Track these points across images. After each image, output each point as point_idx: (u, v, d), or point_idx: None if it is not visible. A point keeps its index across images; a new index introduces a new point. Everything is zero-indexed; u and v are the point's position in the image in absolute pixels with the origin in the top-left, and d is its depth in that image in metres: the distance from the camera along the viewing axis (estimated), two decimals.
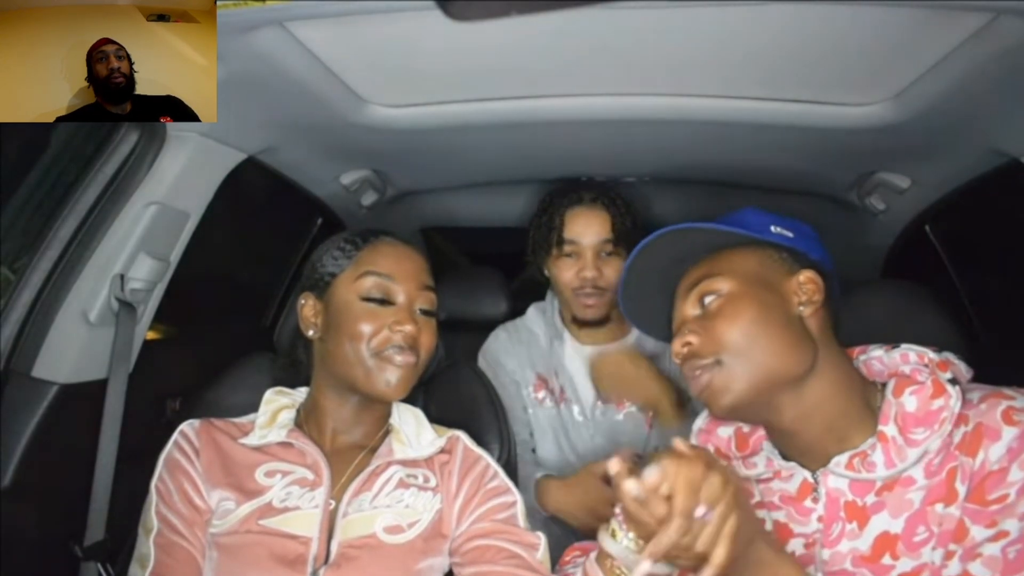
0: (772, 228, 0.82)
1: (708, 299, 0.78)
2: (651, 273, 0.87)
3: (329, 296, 0.92)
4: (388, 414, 0.97)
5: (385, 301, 0.89)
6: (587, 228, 1.34)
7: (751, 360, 0.74)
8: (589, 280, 1.33)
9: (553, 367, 1.44)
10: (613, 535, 0.72)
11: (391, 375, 0.87)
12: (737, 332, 0.74)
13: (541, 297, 1.53)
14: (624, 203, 1.38)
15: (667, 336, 0.84)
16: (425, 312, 0.92)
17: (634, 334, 1.46)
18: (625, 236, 1.34)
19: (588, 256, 1.34)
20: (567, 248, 1.35)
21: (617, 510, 0.73)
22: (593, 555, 0.77)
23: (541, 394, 1.43)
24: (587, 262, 1.34)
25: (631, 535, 0.70)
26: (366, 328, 0.87)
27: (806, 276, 0.79)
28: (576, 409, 1.40)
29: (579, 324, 1.42)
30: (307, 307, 0.93)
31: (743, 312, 0.75)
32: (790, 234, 0.83)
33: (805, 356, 0.75)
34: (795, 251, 0.82)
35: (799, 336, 0.76)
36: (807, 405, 0.75)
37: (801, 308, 0.78)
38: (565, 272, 1.36)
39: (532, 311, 1.54)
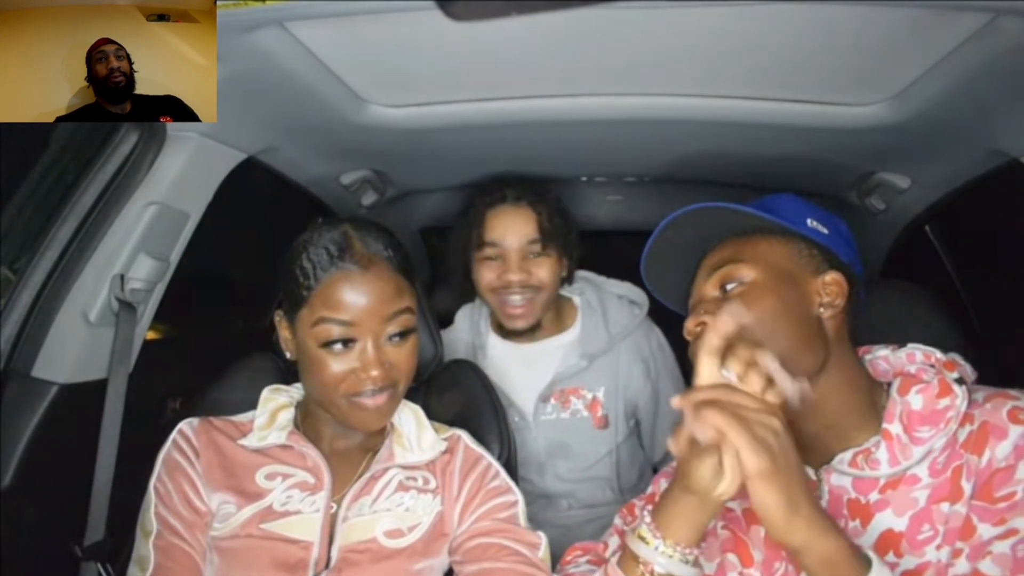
0: (808, 221, 0.81)
1: (731, 286, 0.78)
2: (675, 246, 0.87)
3: (296, 326, 0.86)
4: None
5: (349, 341, 0.82)
6: (510, 228, 1.27)
7: (769, 348, 0.73)
8: (515, 283, 1.27)
9: None
10: (643, 539, 0.71)
11: (366, 416, 0.85)
12: (756, 318, 0.74)
13: None
14: (554, 201, 1.31)
15: (682, 308, 0.84)
16: (398, 335, 0.84)
17: (575, 330, 1.39)
18: (553, 236, 1.29)
19: (513, 258, 1.27)
20: (488, 251, 1.29)
21: (647, 516, 0.72)
22: (615, 560, 0.76)
23: None
24: (512, 264, 1.27)
25: (661, 537, 0.70)
26: (332, 376, 0.82)
27: (831, 278, 0.78)
28: (515, 415, 1.35)
29: (505, 333, 1.36)
30: (282, 328, 0.89)
31: (762, 302, 0.75)
32: (825, 230, 0.81)
33: (815, 357, 0.75)
34: (826, 249, 0.80)
35: (813, 337, 0.76)
36: (811, 402, 0.75)
37: (821, 310, 0.77)
38: (487, 274, 1.29)
39: (460, 317, 1.46)
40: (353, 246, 0.83)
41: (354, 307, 0.81)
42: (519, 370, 1.37)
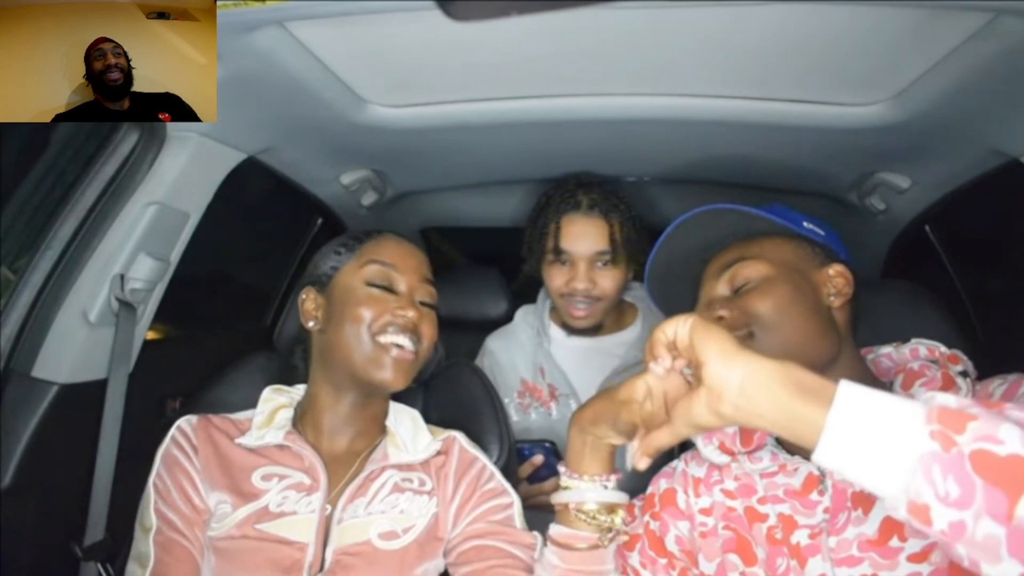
0: (804, 224, 0.86)
1: (745, 284, 0.80)
2: (679, 255, 0.89)
3: (331, 288, 0.94)
4: (385, 414, 0.97)
5: (388, 288, 0.91)
6: (582, 238, 1.29)
7: (781, 337, 0.76)
8: (581, 291, 1.30)
9: (537, 365, 1.42)
10: (567, 488, 0.79)
11: (389, 364, 0.88)
12: (770, 307, 0.76)
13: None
14: (626, 208, 1.33)
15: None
16: (425, 304, 0.94)
17: (636, 329, 1.43)
18: (624, 245, 1.31)
19: (581, 267, 1.30)
20: (561, 256, 1.31)
21: (562, 469, 0.80)
22: (553, 524, 0.81)
23: (526, 400, 1.41)
24: (579, 272, 1.30)
25: (579, 476, 0.78)
26: (368, 312, 0.89)
27: (836, 269, 0.82)
28: (573, 404, 1.38)
29: (569, 330, 1.41)
30: (308, 301, 0.95)
31: (777, 291, 0.78)
32: (821, 232, 0.86)
33: (831, 344, 0.77)
34: (825, 247, 0.85)
35: (827, 325, 0.78)
36: None
37: (831, 298, 0.80)
38: (556, 278, 1.33)
39: (519, 314, 1.52)
40: (393, 232, 1.00)
41: (399, 258, 0.94)
42: (582, 363, 1.41)
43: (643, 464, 0.66)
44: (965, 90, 0.86)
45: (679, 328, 0.62)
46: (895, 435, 0.50)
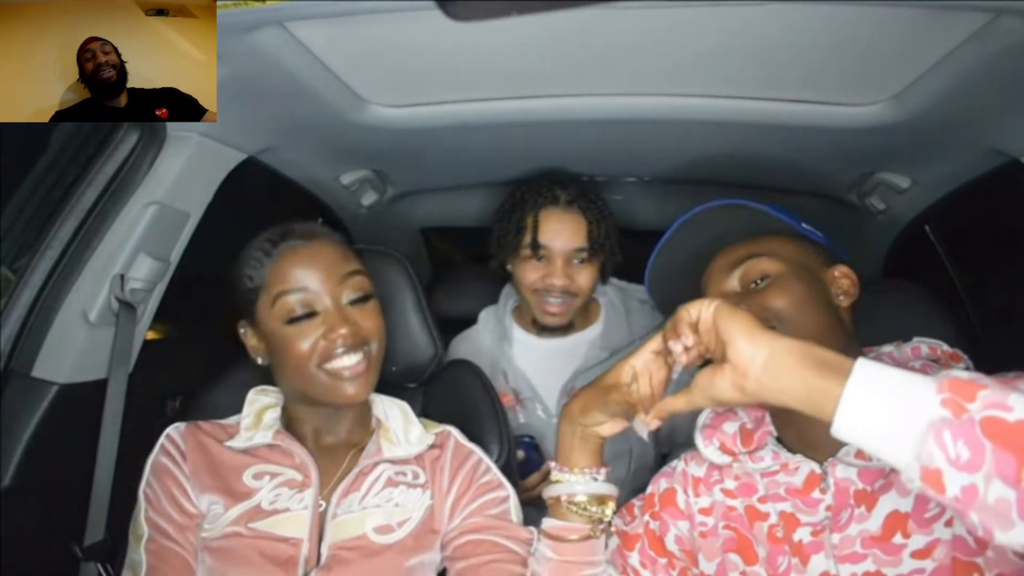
0: (803, 225, 0.87)
1: (759, 281, 0.81)
2: (681, 254, 0.90)
3: (258, 323, 0.88)
4: (369, 409, 0.96)
5: (310, 313, 0.84)
6: (560, 234, 1.27)
7: (800, 333, 0.75)
8: (558, 287, 1.28)
9: (501, 371, 1.39)
10: (557, 482, 0.81)
11: (347, 385, 0.85)
12: (787, 303, 0.77)
13: None
14: (603, 205, 1.32)
15: None
16: (358, 301, 0.87)
17: (599, 327, 1.41)
18: (601, 243, 1.30)
19: (559, 263, 1.27)
20: (539, 252, 1.29)
21: (552, 463, 0.82)
22: (545, 520, 0.82)
23: None
24: (557, 268, 1.27)
25: (568, 470, 0.80)
26: (301, 349, 0.83)
27: (841, 271, 0.83)
28: (538, 408, 1.37)
29: (539, 328, 1.39)
30: (249, 336, 0.91)
31: (792, 288, 0.78)
32: (820, 234, 0.87)
33: (842, 342, 0.78)
34: (827, 248, 0.86)
35: (837, 324, 0.79)
36: None
37: (840, 298, 0.81)
38: (531, 274, 1.30)
39: (483, 316, 1.50)
40: (292, 229, 0.89)
41: (307, 275, 0.85)
42: (544, 365, 1.40)
43: (654, 425, 0.68)
44: (965, 90, 0.86)
45: (703, 310, 0.64)
46: (908, 403, 0.52)
